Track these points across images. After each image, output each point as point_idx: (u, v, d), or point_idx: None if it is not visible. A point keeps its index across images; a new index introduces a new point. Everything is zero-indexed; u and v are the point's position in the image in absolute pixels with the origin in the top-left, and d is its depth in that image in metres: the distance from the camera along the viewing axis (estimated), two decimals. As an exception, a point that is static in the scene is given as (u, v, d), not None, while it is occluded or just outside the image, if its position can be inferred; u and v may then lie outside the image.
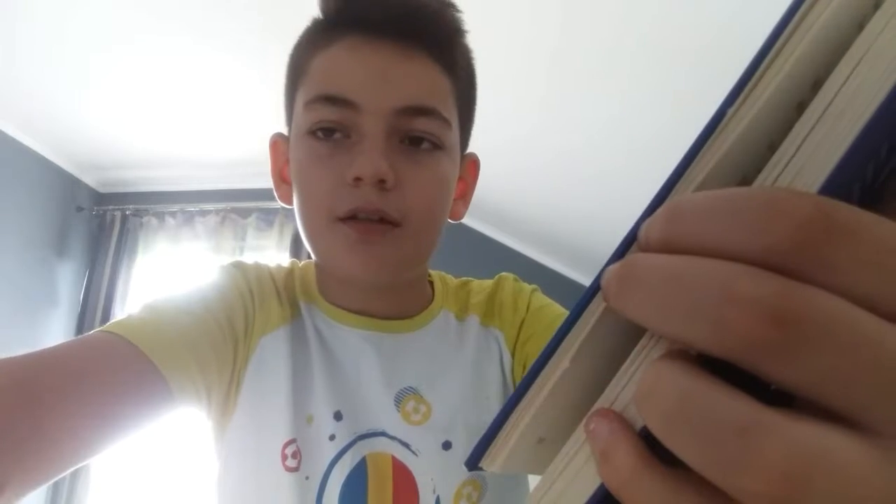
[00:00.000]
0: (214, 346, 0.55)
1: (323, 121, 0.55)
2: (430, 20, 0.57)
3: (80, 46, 2.33)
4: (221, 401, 0.57)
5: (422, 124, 0.56)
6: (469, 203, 0.69)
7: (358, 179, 0.53)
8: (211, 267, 0.63)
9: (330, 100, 0.55)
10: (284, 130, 0.65)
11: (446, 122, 0.58)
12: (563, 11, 1.83)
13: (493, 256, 3.33)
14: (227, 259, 3.15)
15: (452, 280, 0.73)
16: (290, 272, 0.67)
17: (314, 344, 0.61)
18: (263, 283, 0.63)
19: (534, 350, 0.63)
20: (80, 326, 3.13)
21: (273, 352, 0.59)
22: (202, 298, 0.57)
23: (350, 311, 0.63)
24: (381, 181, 0.53)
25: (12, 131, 2.88)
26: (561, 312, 0.66)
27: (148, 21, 2.18)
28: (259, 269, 0.64)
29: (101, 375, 0.48)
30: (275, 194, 0.65)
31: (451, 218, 0.65)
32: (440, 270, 0.74)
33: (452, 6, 0.59)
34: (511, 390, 0.63)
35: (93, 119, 2.84)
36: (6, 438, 0.42)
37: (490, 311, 0.68)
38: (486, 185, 2.82)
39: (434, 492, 0.57)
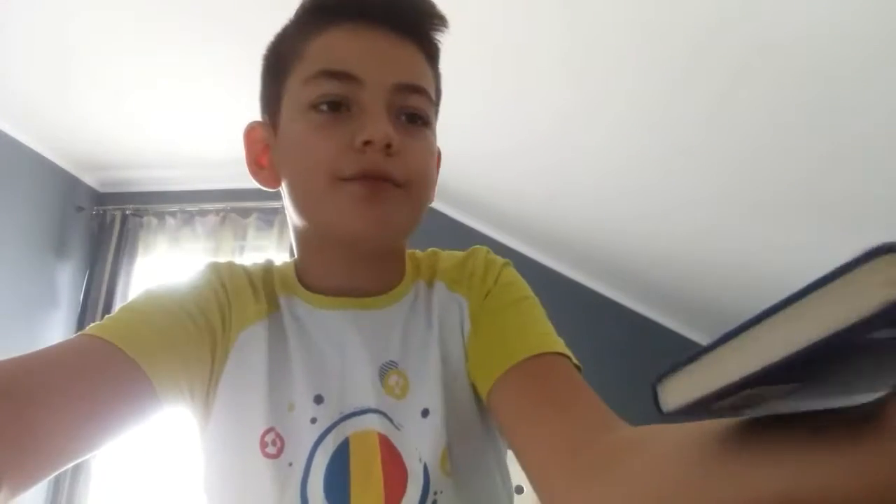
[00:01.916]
0: (192, 345, 0.57)
1: (326, 94, 0.59)
2: (420, 13, 0.63)
3: (81, 47, 2.34)
4: (202, 397, 0.59)
5: (415, 101, 0.61)
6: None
7: (367, 143, 0.56)
8: (185, 270, 0.64)
9: (333, 74, 0.58)
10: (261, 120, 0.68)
11: (433, 102, 0.63)
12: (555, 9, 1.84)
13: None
14: (226, 259, 3.16)
15: (420, 253, 0.74)
16: (267, 269, 0.68)
17: (292, 333, 0.63)
18: (237, 281, 0.64)
19: (488, 323, 0.63)
20: (80, 326, 3.13)
21: (251, 346, 0.61)
22: (178, 298, 0.59)
23: (329, 293, 0.65)
24: (388, 146, 0.57)
25: (12, 131, 2.88)
26: (527, 294, 0.66)
27: (148, 21, 2.18)
28: (232, 268, 0.66)
29: (88, 377, 0.49)
30: (255, 180, 0.67)
31: None
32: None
33: (435, 5, 0.64)
34: (466, 357, 0.63)
35: (93, 119, 2.84)
36: None
37: (458, 279, 0.69)
38: (486, 185, 2.82)
39: (420, 460, 0.58)
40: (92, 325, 0.55)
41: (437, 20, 0.63)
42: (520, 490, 1.57)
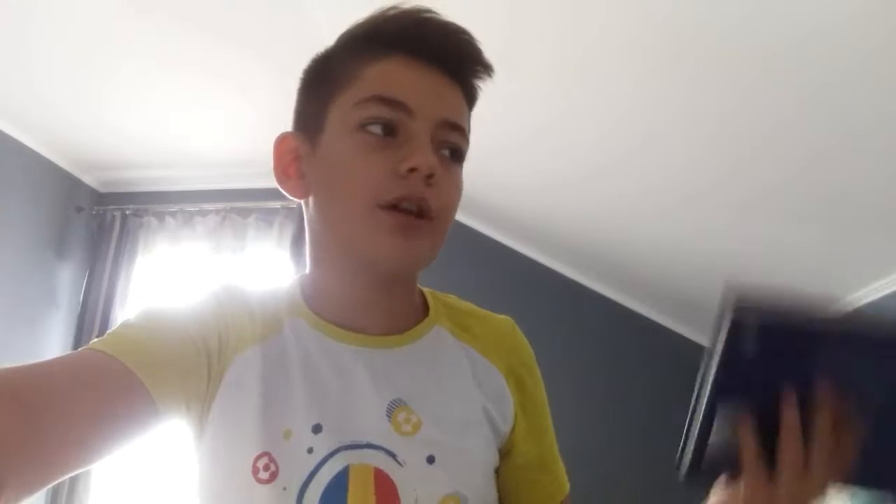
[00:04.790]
0: (191, 363, 0.59)
1: (378, 117, 0.61)
2: (468, 59, 0.67)
3: (81, 46, 2.34)
4: (197, 414, 0.60)
5: (455, 138, 0.64)
6: None
7: (413, 170, 0.59)
8: (193, 290, 0.65)
9: (387, 101, 0.62)
10: (292, 130, 0.69)
11: (468, 142, 0.67)
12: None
13: (491, 256, 3.33)
14: (227, 259, 3.12)
15: (442, 296, 0.75)
16: (271, 292, 0.69)
17: (296, 360, 0.63)
18: (235, 305, 0.65)
19: (535, 434, 0.71)
20: (80, 327, 3.13)
21: (245, 370, 0.61)
22: (179, 318, 0.61)
23: (338, 324, 0.65)
24: (430, 176, 0.60)
25: (12, 131, 2.88)
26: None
27: (148, 21, 2.18)
28: (232, 292, 0.67)
29: (92, 389, 0.51)
30: (283, 192, 0.68)
31: None
32: (440, 270, 0.75)
33: (482, 53, 0.68)
34: (502, 433, 0.68)
35: (93, 119, 2.84)
36: (2, 442, 0.43)
37: (495, 349, 0.71)
38: (486, 184, 2.82)
39: (416, 502, 0.59)
40: (94, 340, 0.56)
41: (481, 68, 0.67)
42: None
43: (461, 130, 0.65)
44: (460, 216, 3.27)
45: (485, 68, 0.67)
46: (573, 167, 2.61)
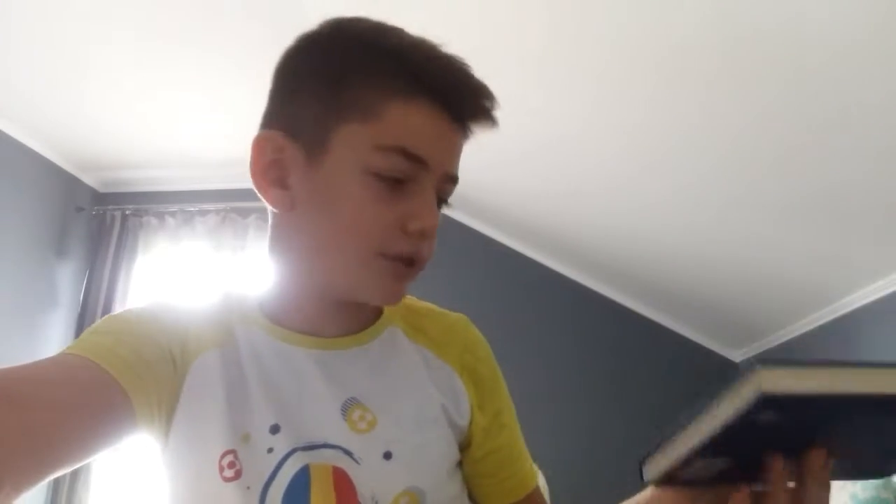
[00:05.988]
0: (161, 370, 0.60)
1: (395, 170, 0.60)
2: (486, 114, 0.64)
3: (81, 46, 2.34)
4: (163, 419, 0.60)
5: (451, 190, 0.66)
6: None
7: (421, 233, 0.61)
8: (184, 293, 0.68)
9: (409, 155, 0.60)
10: (278, 130, 0.64)
11: None
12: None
13: (491, 256, 3.33)
14: (227, 259, 3.11)
15: None
16: (224, 300, 0.69)
17: (250, 365, 0.64)
18: (192, 313, 0.66)
19: (496, 430, 0.71)
20: (80, 326, 3.13)
21: (206, 372, 0.62)
22: (145, 325, 0.62)
23: (294, 329, 0.66)
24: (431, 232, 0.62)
25: (12, 131, 2.88)
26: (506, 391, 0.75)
27: (148, 21, 2.18)
28: (184, 302, 0.68)
29: (76, 390, 0.52)
30: (259, 195, 0.64)
31: None
32: (438, 268, 0.75)
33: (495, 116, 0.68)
34: (460, 427, 0.68)
35: (93, 118, 2.84)
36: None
37: (446, 344, 0.71)
38: (484, 184, 2.82)
39: (373, 499, 0.60)
40: (69, 345, 0.57)
41: (489, 126, 0.66)
42: None
43: (456, 183, 0.66)
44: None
45: (491, 126, 0.66)
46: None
